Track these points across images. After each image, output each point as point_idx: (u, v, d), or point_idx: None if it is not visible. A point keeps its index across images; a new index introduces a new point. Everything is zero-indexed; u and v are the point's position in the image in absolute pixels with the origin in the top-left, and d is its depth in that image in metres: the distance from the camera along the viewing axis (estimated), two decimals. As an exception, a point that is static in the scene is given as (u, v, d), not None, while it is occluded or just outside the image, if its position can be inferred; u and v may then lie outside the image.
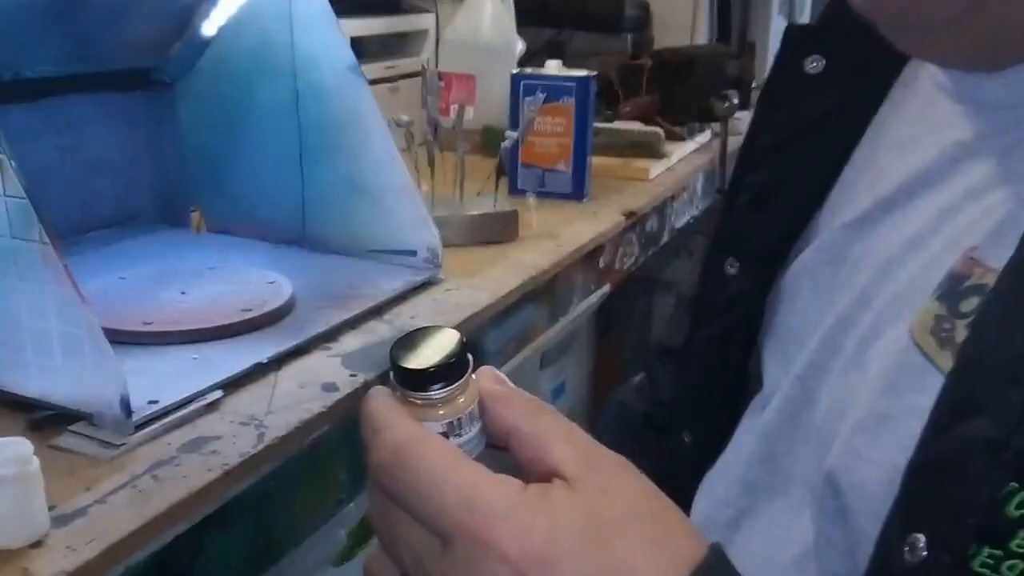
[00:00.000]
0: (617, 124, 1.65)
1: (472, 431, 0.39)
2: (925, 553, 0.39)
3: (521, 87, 1.29)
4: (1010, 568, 0.36)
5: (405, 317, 0.90)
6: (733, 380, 0.65)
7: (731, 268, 0.63)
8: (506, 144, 1.16)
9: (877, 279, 0.51)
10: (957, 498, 0.39)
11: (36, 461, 0.55)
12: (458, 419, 0.38)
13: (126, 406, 0.65)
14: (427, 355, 0.38)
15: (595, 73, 1.32)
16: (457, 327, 0.87)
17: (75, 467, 0.62)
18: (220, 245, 1.05)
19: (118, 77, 1.03)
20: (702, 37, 2.02)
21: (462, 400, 0.39)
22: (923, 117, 0.51)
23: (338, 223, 1.02)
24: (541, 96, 1.19)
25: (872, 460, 0.45)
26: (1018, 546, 0.36)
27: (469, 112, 1.14)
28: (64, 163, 0.99)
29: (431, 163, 1.13)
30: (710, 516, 0.60)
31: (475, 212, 1.13)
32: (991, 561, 0.37)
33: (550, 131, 1.29)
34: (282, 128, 1.01)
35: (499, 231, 1.13)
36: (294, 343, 0.80)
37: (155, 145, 1.08)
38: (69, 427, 0.66)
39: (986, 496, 0.37)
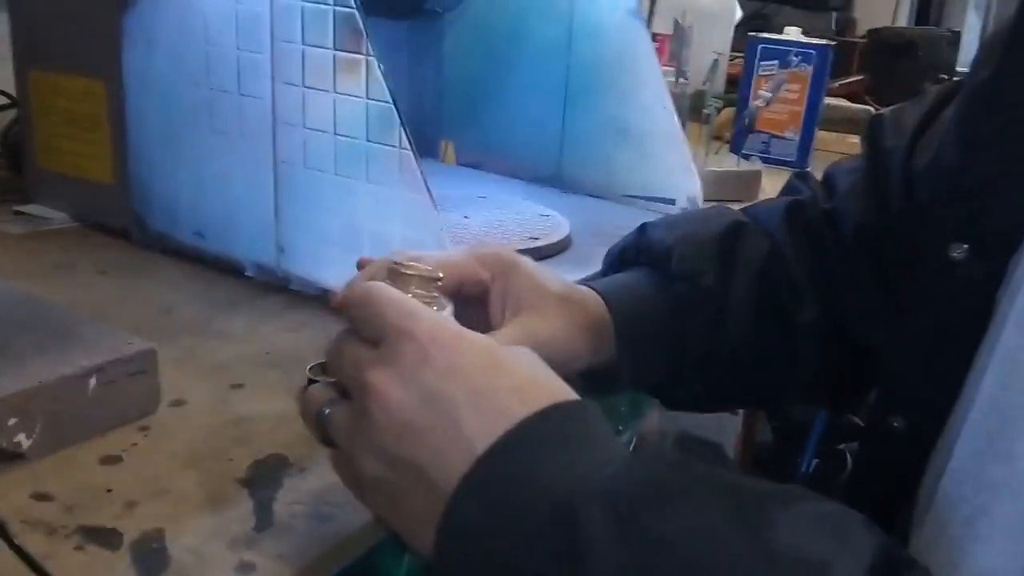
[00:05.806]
0: (826, 100, 1.62)
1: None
2: None
3: (758, 51, 1.27)
4: None
5: (675, 262, 0.90)
6: (955, 373, 0.55)
7: (957, 253, 0.56)
8: (752, 107, 1.15)
9: None
10: None
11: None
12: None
13: (463, 313, 0.66)
14: None
15: (834, 42, 1.29)
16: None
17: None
18: (474, 178, 1.07)
19: (392, 2, 1.05)
20: (903, 21, 1.97)
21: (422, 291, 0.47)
22: None
23: (596, 165, 1.02)
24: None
25: None
26: None
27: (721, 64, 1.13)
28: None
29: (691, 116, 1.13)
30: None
31: (720, 168, 1.12)
32: None
33: (783, 97, 1.28)
34: (550, 66, 1.02)
35: (741, 189, 1.12)
36: (583, 275, 0.81)
37: (415, 74, 1.10)
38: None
39: None
